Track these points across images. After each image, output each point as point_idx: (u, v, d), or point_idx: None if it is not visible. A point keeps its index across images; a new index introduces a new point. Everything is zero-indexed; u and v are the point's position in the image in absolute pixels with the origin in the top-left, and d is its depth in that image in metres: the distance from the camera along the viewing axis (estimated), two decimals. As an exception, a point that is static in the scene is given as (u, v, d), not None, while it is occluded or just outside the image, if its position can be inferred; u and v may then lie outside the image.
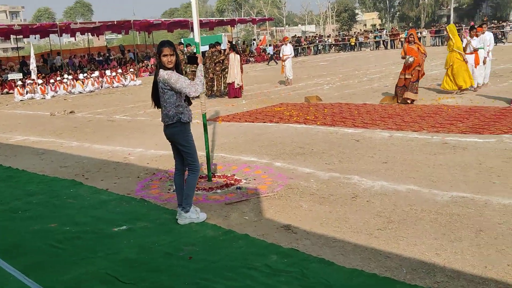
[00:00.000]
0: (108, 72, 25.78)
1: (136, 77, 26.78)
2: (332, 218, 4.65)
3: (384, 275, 3.48)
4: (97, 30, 34.62)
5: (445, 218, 4.43)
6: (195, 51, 17.32)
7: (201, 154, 5.85)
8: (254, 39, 47.69)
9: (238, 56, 15.50)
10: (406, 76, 11.21)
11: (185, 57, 13.04)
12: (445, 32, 14.86)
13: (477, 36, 12.49)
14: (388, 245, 3.97)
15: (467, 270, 3.44)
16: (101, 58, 33.18)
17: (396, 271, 3.52)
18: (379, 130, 8.53)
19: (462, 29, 38.98)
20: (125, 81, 24.99)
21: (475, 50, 12.37)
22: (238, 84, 15.27)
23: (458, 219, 4.38)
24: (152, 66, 32.36)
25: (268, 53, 36.37)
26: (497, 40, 36.77)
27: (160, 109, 4.86)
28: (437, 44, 39.62)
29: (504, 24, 38.98)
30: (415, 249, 3.87)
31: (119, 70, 26.36)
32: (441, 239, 4.01)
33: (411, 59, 11.01)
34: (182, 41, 21.32)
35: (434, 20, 67.88)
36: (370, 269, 3.58)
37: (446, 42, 12.11)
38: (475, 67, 12.44)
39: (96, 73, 25.08)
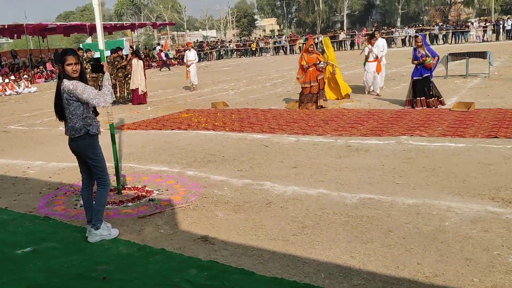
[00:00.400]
0: (-1, 79, 24.06)
1: (31, 83, 25.24)
2: (248, 226, 4.67)
3: (303, 281, 3.54)
4: (-16, 34, 32.20)
5: (356, 220, 4.62)
6: (95, 56, 16.68)
7: (109, 165, 5.60)
8: (158, 44, 46.83)
9: (141, 61, 15.15)
10: (312, 84, 11.47)
11: (89, 65, 12.46)
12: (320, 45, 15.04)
13: (371, 44, 13.12)
14: (305, 251, 4.05)
15: (381, 271, 3.60)
16: (-11, 64, 30.86)
17: (314, 277, 3.60)
18: (286, 135, 8.73)
19: (355, 34, 41.19)
20: (19, 88, 23.45)
21: (377, 58, 13.00)
22: (142, 91, 14.91)
23: (368, 221, 4.58)
24: (48, 71, 30.70)
25: (160, 60, 35.64)
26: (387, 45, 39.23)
27: (64, 122, 4.58)
28: (334, 50, 41.35)
29: (393, 30, 41.66)
30: (330, 253, 3.99)
31: (12, 77, 24.67)
32: (354, 241, 4.17)
33: (322, 64, 11.41)
34: (82, 47, 20.43)
35: (329, 26, 71.01)
36: (289, 276, 3.63)
37: (321, 54, 12.32)
38: (378, 73, 13.07)
39: (-16, 81, 23.31)
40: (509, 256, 3.68)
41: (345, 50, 41.03)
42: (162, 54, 35.97)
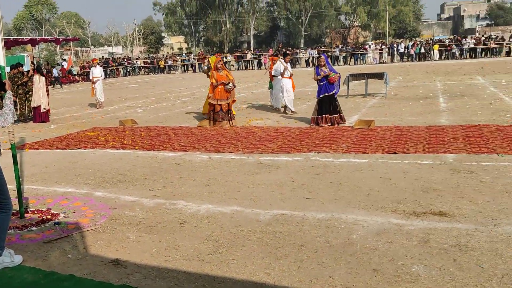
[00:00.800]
0: None
1: None
2: (162, 248, 4.58)
3: (220, 300, 3.53)
4: None
5: (270, 237, 4.70)
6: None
7: (10, 188, 5.26)
8: (64, 59, 44.83)
9: (43, 78, 14.47)
10: (221, 103, 11.61)
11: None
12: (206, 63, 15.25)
13: (285, 62, 13.49)
14: (220, 270, 4.05)
15: (295, 286, 3.69)
16: None
17: (231, 294, 3.60)
18: (198, 153, 8.71)
19: (262, 55, 42.20)
20: None
21: (291, 75, 13.41)
22: (44, 108, 14.22)
23: (281, 236, 4.68)
24: None
25: (54, 76, 33.83)
26: (291, 65, 40.62)
27: None
28: (241, 68, 42.14)
29: (297, 51, 43.22)
30: (246, 270, 4.02)
31: None
32: (269, 257, 4.24)
33: (230, 85, 11.56)
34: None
35: (236, 45, 72.21)
36: (206, 295, 3.61)
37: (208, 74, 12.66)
38: (293, 90, 13.46)
39: None
40: (412, 265, 3.92)
41: (252, 69, 41.84)
42: (54, 70, 34.13)
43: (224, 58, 42.02)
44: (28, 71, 15.56)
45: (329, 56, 39.44)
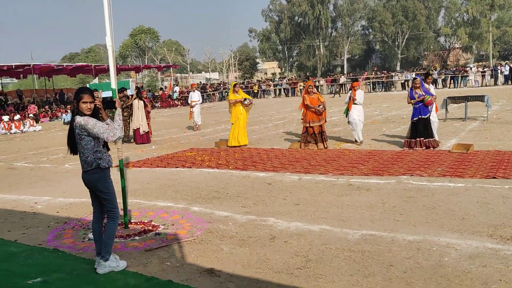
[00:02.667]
0: (5, 117, 24.45)
1: (36, 122, 25.59)
2: (253, 260, 4.79)
3: (308, 311, 3.64)
4: (-7, 74, 32.84)
5: (358, 255, 4.74)
6: (103, 95, 17.05)
7: (117, 200, 5.77)
8: (166, 87, 47.67)
9: (142, 102, 15.47)
10: (313, 125, 11.78)
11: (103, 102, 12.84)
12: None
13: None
14: (309, 284, 4.17)
15: (383, 301, 3.72)
16: (-4, 103, 31.35)
17: (318, 307, 3.70)
18: (289, 174, 8.90)
19: (356, 79, 41.93)
20: (24, 127, 23.78)
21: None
22: (144, 131, 15.25)
23: (369, 256, 4.71)
24: (51, 111, 31.14)
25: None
26: (386, 88, 39.93)
27: (76, 155, 4.78)
28: (333, 92, 42.07)
29: (393, 74, 42.43)
30: (333, 285, 4.10)
31: (17, 116, 25.06)
32: (356, 275, 4.29)
33: (320, 107, 11.72)
34: (88, 86, 20.87)
35: (329, 69, 72.28)
36: (294, 306, 3.74)
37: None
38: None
39: (-9, 119, 23.72)
40: (507, 289, 3.80)
41: (345, 92, 41.64)
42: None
43: (316, 82, 42.27)
44: (132, 95, 16.74)
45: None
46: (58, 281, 4.54)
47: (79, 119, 4.59)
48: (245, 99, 13.21)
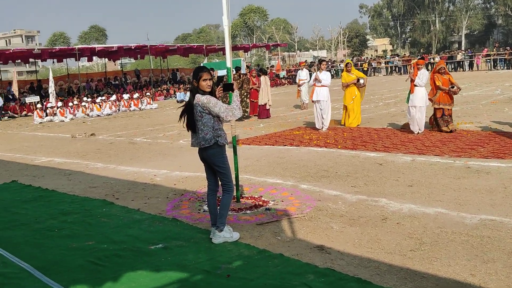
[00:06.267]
0: (125, 95, 26.24)
1: (152, 100, 27.17)
2: (364, 240, 4.75)
3: (422, 294, 3.56)
4: (114, 55, 35.24)
5: (476, 240, 4.51)
6: (219, 74, 17.84)
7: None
8: (273, 65, 48.27)
9: (268, 78, 16.23)
10: (444, 107, 10.60)
11: (221, 84, 13.54)
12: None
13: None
14: (423, 266, 4.06)
15: (504, 290, 3.52)
16: (117, 82, 33.73)
17: (433, 291, 3.60)
18: (401, 154, 8.63)
19: (474, 55, 39.28)
20: (142, 104, 25.37)
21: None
22: (270, 105, 16.28)
23: (489, 241, 4.46)
24: (164, 90, 32.78)
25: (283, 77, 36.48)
26: (509, 66, 37.00)
27: (191, 133, 4.98)
28: (450, 70, 39.76)
29: (517, 50, 39.06)
30: (449, 269, 3.95)
31: (136, 94, 26.77)
32: (474, 260, 4.09)
33: (455, 88, 10.52)
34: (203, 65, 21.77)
35: (445, 46, 68.26)
36: (407, 288, 3.67)
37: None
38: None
39: (114, 97, 25.56)
40: None
41: (463, 71, 39.23)
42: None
43: (431, 59, 40.24)
44: (244, 74, 17.30)
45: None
46: (177, 247, 4.84)
47: (201, 97, 4.79)
48: (358, 80, 12.58)
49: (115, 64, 48.38)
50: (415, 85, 10.63)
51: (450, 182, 6.62)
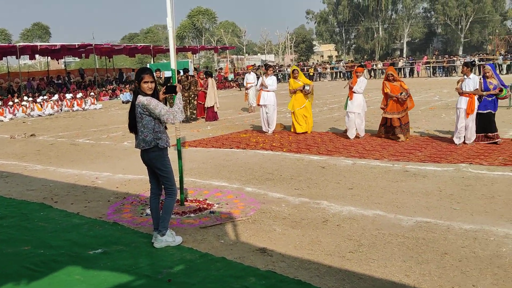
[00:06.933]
0: (68, 95, 25.50)
1: (97, 101, 26.52)
2: (305, 242, 4.83)
3: (359, 294, 3.66)
4: (58, 53, 34.17)
5: (412, 242, 4.69)
6: (162, 76, 17.51)
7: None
8: (222, 68, 48.24)
9: (214, 80, 16.30)
10: (391, 116, 10.45)
11: (164, 86, 13.40)
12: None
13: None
14: (360, 267, 4.17)
15: (436, 289, 3.68)
16: (60, 81, 32.70)
17: (370, 291, 3.71)
18: (343, 158, 8.84)
19: (415, 62, 40.72)
20: (85, 105, 24.71)
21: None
22: (217, 108, 16.33)
23: (424, 243, 4.65)
24: (109, 91, 32.12)
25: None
26: (447, 73, 38.64)
27: (134, 134, 4.92)
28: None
29: (455, 58, 40.88)
30: (385, 270, 4.09)
31: (79, 94, 26.05)
32: (409, 261, 4.25)
33: (403, 94, 10.41)
34: (149, 66, 21.44)
35: (388, 53, 70.37)
36: (345, 289, 3.76)
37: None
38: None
39: (56, 96, 24.78)
40: None
41: (404, 77, 40.58)
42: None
43: (374, 66, 41.41)
44: (192, 76, 17.21)
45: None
46: (118, 252, 4.75)
47: (142, 98, 4.73)
48: (304, 86, 12.19)
49: (58, 63, 46.91)
50: (354, 92, 10.82)
51: (388, 185, 6.84)
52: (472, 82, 9.30)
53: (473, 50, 60.65)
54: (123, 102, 27.28)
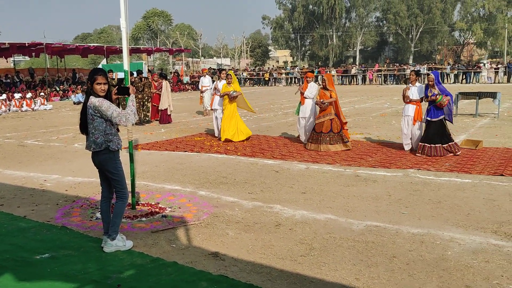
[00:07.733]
0: (17, 95, 24.63)
1: (47, 101, 25.75)
2: (258, 246, 4.84)
3: (310, 298, 3.70)
4: (6, 52, 32.94)
5: (362, 245, 4.78)
6: (115, 77, 17.17)
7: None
8: (177, 71, 47.77)
9: (168, 83, 16.28)
10: (317, 121, 10.23)
11: (116, 88, 13.13)
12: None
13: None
14: (312, 271, 4.22)
15: (384, 292, 3.76)
16: (8, 80, 31.52)
17: (320, 294, 3.76)
18: (296, 162, 8.93)
19: (367, 70, 41.70)
20: (35, 105, 23.94)
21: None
22: (171, 110, 16.26)
23: (373, 246, 4.75)
24: (60, 91, 31.29)
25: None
26: (398, 81, 39.74)
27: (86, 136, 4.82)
28: (345, 83, 41.95)
29: (405, 67, 42.14)
30: (336, 274, 4.15)
31: (29, 94, 25.21)
32: (359, 264, 4.33)
33: (325, 104, 10.00)
34: (101, 67, 21.00)
35: (341, 60, 71.73)
36: (296, 293, 3.79)
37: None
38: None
39: (4, 96, 23.88)
40: (508, 285, 3.82)
41: (356, 84, 41.49)
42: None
43: (328, 72, 42.10)
44: (146, 78, 16.99)
45: (440, 74, 38.00)
46: (66, 257, 4.62)
47: (93, 100, 4.63)
48: (232, 92, 11.59)
49: (7, 61, 45.18)
50: (305, 97, 10.91)
51: (340, 189, 6.96)
52: (418, 90, 9.60)
53: (422, 59, 62.59)
54: (74, 103, 26.61)
